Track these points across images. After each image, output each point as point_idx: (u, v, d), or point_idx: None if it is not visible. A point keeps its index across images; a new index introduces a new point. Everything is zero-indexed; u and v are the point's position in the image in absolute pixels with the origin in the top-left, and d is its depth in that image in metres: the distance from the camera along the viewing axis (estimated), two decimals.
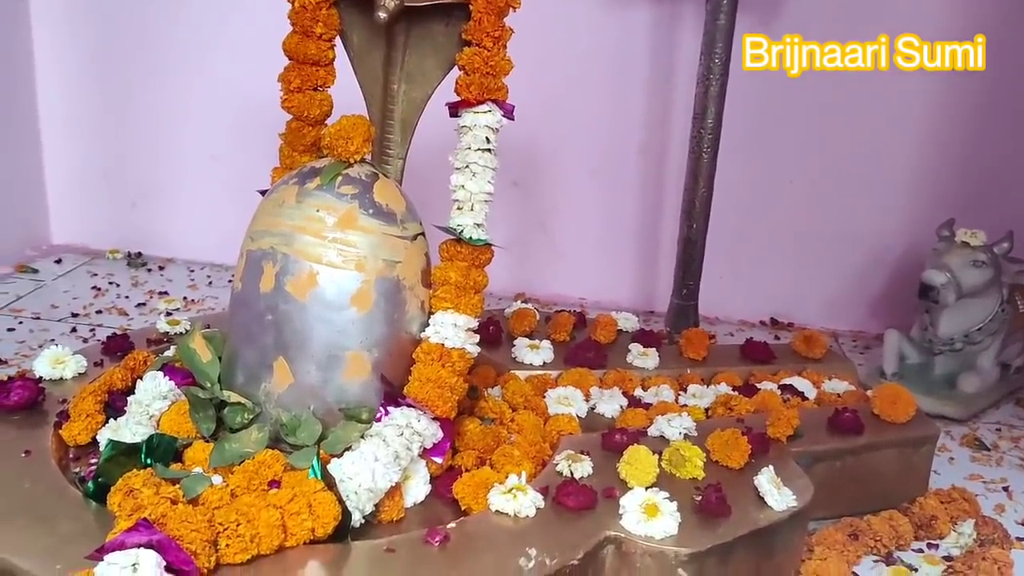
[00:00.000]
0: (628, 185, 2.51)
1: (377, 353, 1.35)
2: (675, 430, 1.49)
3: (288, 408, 1.33)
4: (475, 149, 1.41)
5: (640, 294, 2.57)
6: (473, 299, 1.40)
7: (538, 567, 1.16)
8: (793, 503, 1.35)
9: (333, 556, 1.14)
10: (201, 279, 2.57)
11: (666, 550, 1.23)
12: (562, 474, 1.36)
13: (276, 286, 1.32)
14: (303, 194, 1.34)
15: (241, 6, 2.48)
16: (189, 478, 1.21)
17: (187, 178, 2.66)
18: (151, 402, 1.36)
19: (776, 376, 1.82)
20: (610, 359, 1.82)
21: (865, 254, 2.51)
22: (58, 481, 1.26)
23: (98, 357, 1.62)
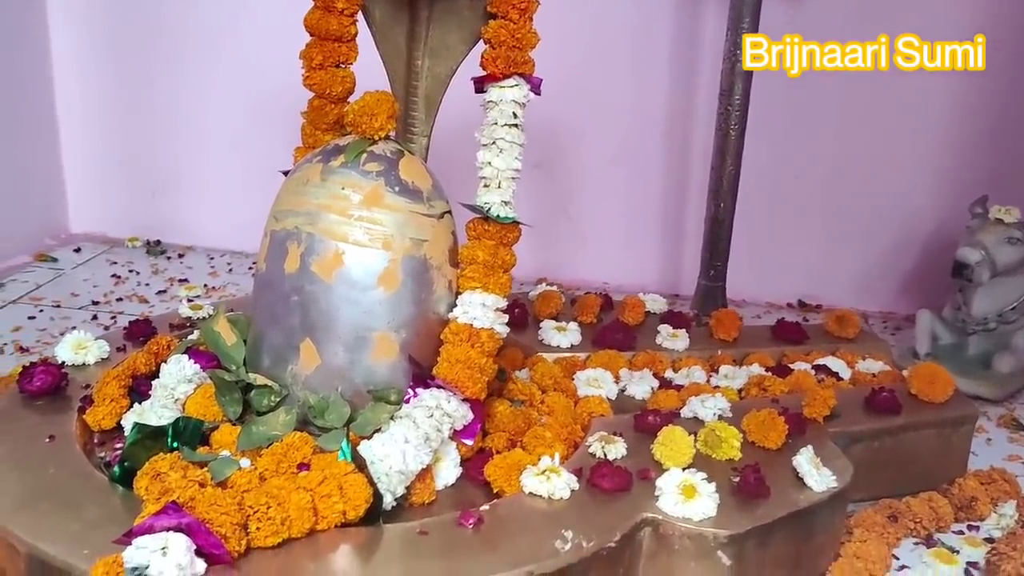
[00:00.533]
0: (652, 167, 2.48)
1: (405, 334, 1.32)
2: (709, 411, 1.45)
3: (315, 390, 1.31)
4: (502, 125, 1.37)
5: (665, 278, 2.54)
6: (501, 278, 1.37)
7: (575, 549, 1.13)
8: (833, 484, 1.32)
9: (365, 539, 1.12)
10: (221, 266, 2.55)
11: (705, 532, 1.20)
12: (595, 456, 1.33)
13: (301, 266, 1.30)
14: (328, 172, 1.31)
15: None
16: (217, 461, 1.19)
17: (206, 165, 2.64)
18: (176, 385, 1.34)
19: (809, 356, 1.78)
20: (639, 341, 1.79)
21: (894, 233, 2.47)
22: (83, 466, 1.23)
23: (120, 342, 1.60)
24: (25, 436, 1.29)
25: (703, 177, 2.44)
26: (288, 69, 2.40)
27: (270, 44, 2.43)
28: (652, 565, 1.23)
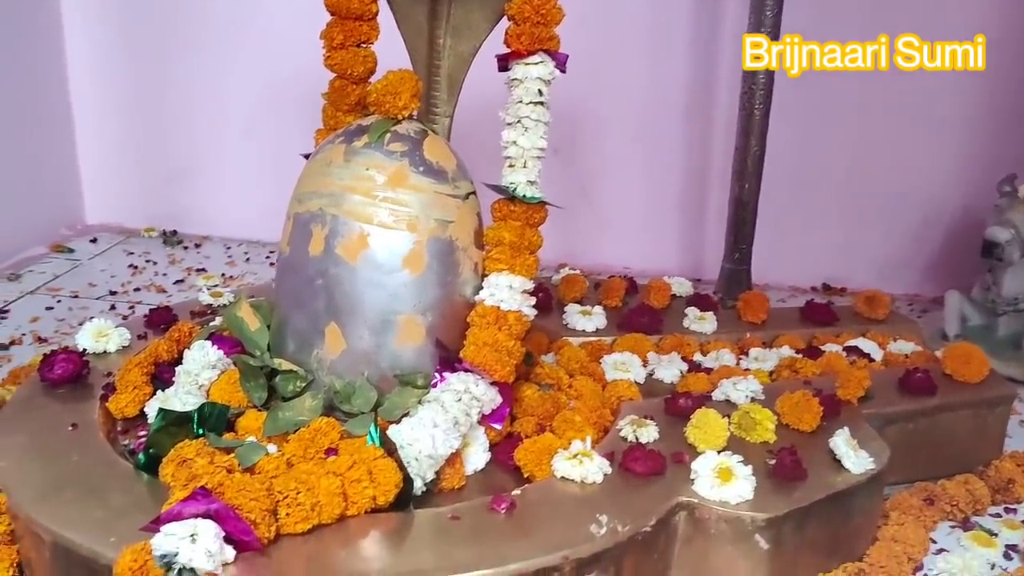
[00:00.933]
0: (672, 149, 2.44)
1: (431, 317, 1.29)
2: (741, 393, 1.43)
3: (341, 375, 1.28)
4: (527, 103, 1.34)
5: (686, 261, 2.50)
6: (528, 260, 1.35)
7: (610, 534, 1.10)
8: (871, 466, 1.29)
9: (396, 525, 1.10)
10: (238, 255, 2.53)
11: (742, 515, 1.18)
12: (627, 439, 1.31)
13: (326, 249, 1.27)
14: (351, 153, 1.29)
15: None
16: (244, 447, 1.16)
17: (222, 154, 2.62)
18: (200, 372, 1.32)
19: (839, 338, 1.75)
20: (665, 324, 1.76)
21: (919, 215, 2.43)
22: (107, 454, 1.22)
23: (141, 330, 1.58)
24: (47, 424, 1.28)
25: (724, 159, 2.41)
26: (303, 55, 2.37)
27: (285, 31, 2.42)
28: (687, 549, 1.20)
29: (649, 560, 1.17)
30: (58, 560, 1.07)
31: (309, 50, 2.31)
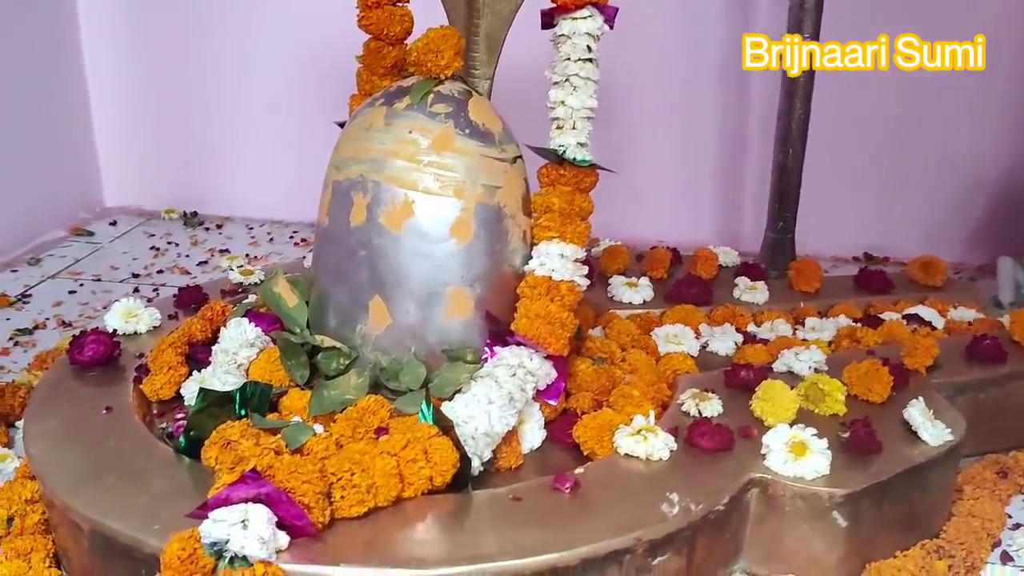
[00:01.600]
0: (707, 117, 2.36)
1: (479, 288, 1.23)
2: (804, 364, 1.36)
3: (387, 351, 1.22)
4: (575, 60, 1.27)
5: (723, 233, 2.41)
6: (579, 226, 1.27)
7: (683, 513, 1.04)
8: (949, 437, 1.22)
9: (455, 507, 1.03)
10: (262, 236, 2.47)
11: (819, 491, 1.11)
12: (689, 414, 1.24)
13: (368, 218, 1.20)
14: (392, 115, 1.22)
15: None
16: (290, 428, 1.10)
17: (243, 132, 2.54)
18: (238, 350, 1.25)
19: (897, 306, 1.68)
20: (715, 295, 1.68)
21: (963, 180, 2.34)
22: (144, 437, 1.15)
23: (171, 310, 1.52)
24: (80, 409, 1.22)
25: (761, 125, 2.33)
26: (327, 28, 2.30)
27: (308, 2, 2.35)
28: (760, 529, 1.14)
29: (721, 541, 1.10)
30: (98, 549, 1.01)
31: (333, 22, 2.24)
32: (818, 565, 1.14)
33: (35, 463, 1.11)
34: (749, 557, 1.15)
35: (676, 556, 1.04)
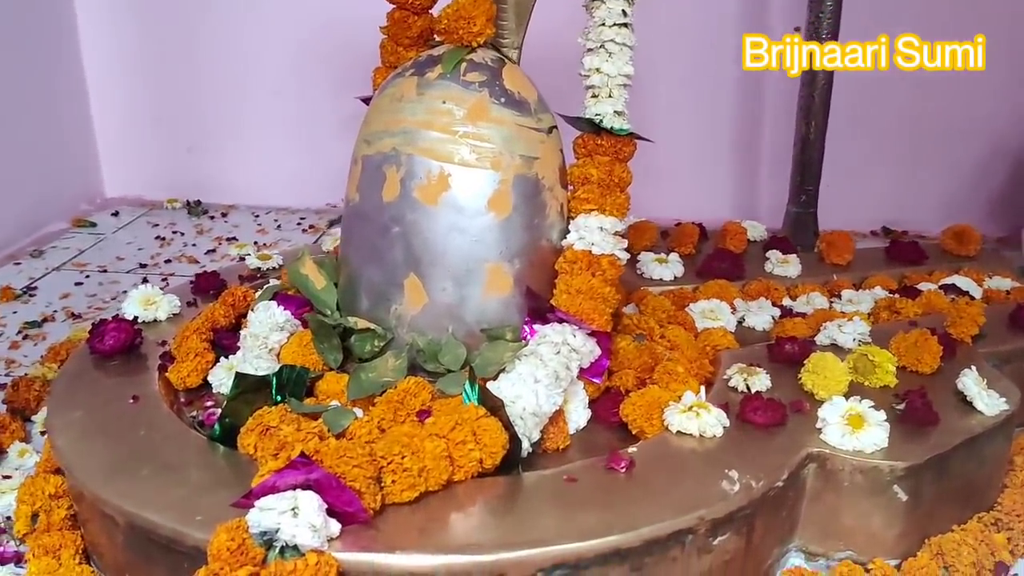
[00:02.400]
0: (722, 89, 2.32)
1: (518, 264, 1.18)
2: (848, 336, 1.32)
3: (423, 332, 1.17)
4: (610, 25, 1.22)
5: (741, 208, 2.37)
6: (619, 198, 1.23)
7: (744, 490, 1.00)
8: (1004, 406, 1.18)
9: (508, 489, 0.99)
10: (268, 223, 2.41)
11: (880, 464, 1.07)
12: (737, 389, 1.20)
13: (402, 193, 1.15)
14: (424, 85, 1.17)
15: None
16: (330, 412, 1.05)
17: (246, 118, 2.49)
18: (268, 334, 1.21)
19: (932, 277, 1.64)
20: (747, 269, 1.64)
21: (981, 152, 2.31)
22: (175, 426, 1.11)
23: (190, 297, 1.47)
24: (105, 399, 1.17)
25: (777, 97, 2.29)
26: (331, 9, 2.25)
27: None
28: (816, 506, 1.10)
29: (777, 519, 1.06)
30: (134, 543, 0.96)
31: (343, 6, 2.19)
32: (876, 541, 1.10)
33: (62, 455, 1.06)
34: (804, 535, 1.11)
35: (736, 535, 1.00)
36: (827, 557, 1.11)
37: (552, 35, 1.31)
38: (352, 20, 2.23)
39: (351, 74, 2.34)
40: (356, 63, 2.31)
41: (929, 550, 1.11)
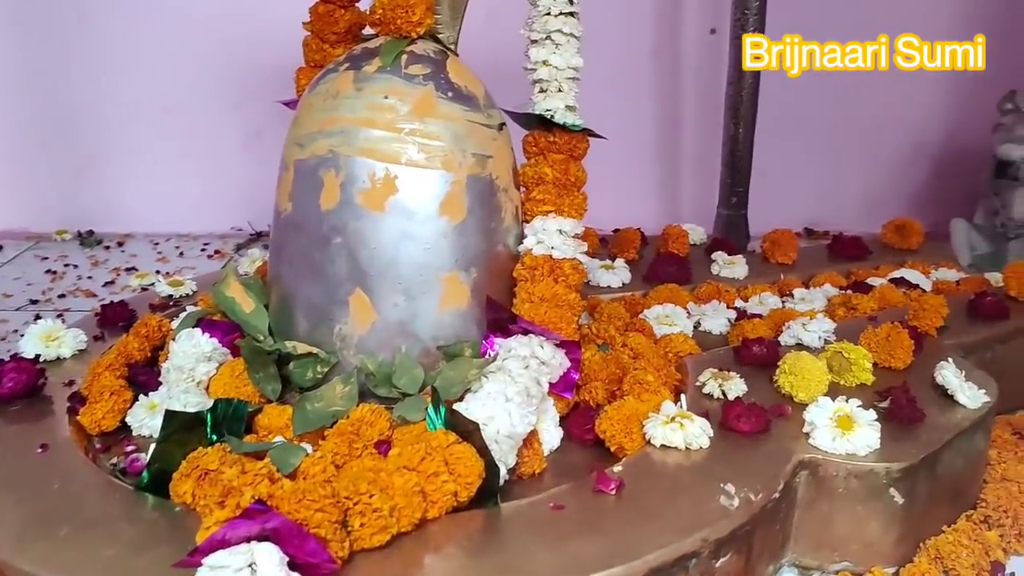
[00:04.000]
0: (642, 98, 2.27)
1: (475, 273, 1.08)
2: (814, 335, 1.26)
3: (373, 353, 1.06)
4: (556, 14, 1.14)
5: (662, 215, 2.33)
6: (576, 198, 1.15)
7: (745, 505, 0.91)
8: (985, 398, 1.14)
9: (488, 524, 0.88)
10: (170, 251, 2.24)
11: (875, 468, 1.01)
12: (712, 396, 1.12)
13: (342, 199, 1.04)
14: (362, 80, 1.06)
15: None
16: (276, 449, 0.93)
17: (137, 139, 2.30)
18: (195, 366, 1.07)
19: (879, 271, 1.61)
20: (694, 272, 1.58)
21: (905, 146, 2.33)
22: (94, 476, 0.96)
23: (96, 330, 1.31)
24: (9, 449, 1.01)
25: (698, 98, 2.26)
26: (231, 16, 2.11)
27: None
28: (809, 516, 1.03)
29: (771, 532, 0.99)
30: None
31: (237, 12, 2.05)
32: (872, 549, 1.03)
33: None
34: (797, 549, 1.04)
35: (736, 555, 0.92)
36: (822, 570, 1.04)
37: (475, 29, 1.21)
38: (249, 29, 2.11)
39: (251, 85, 2.21)
40: (256, 73, 2.18)
41: (927, 554, 1.05)
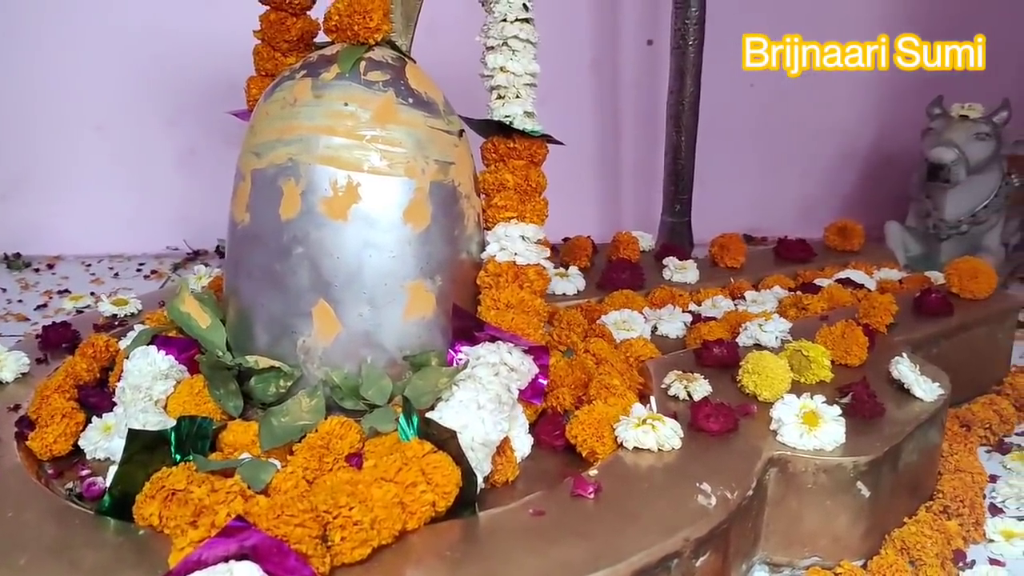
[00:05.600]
0: (581, 101, 2.28)
1: (440, 281, 1.06)
2: (770, 335, 1.28)
3: (337, 365, 1.03)
4: (512, 20, 1.13)
5: (604, 224, 2.34)
6: (538, 204, 1.14)
7: (722, 504, 0.92)
8: (940, 391, 1.17)
9: (468, 533, 0.86)
10: (103, 272, 2.17)
11: (843, 462, 1.02)
12: (679, 398, 1.12)
13: (303, 208, 1.02)
14: (321, 87, 1.04)
15: None
16: (245, 466, 0.90)
17: (67, 158, 2.23)
18: (151, 384, 1.03)
19: (824, 272, 1.65)
20: (647, 278, 1.59)
21: (836, 151, 2.39)
22: (51, 502, 0.91)
23: (38, 353, 1.26)
24: None
25: (637, 108, 2.28)
26: (165, 30, 2.06)
27: (142, 4, 2.09)
28: (778, 512, 1.04)
29: (744, 530, 0.99)
30: None
31: (170, 26, 2.00)
32: (841, 543, 1.05)
33: None
34: (767, 546, 1.05)
35: (715, 554, 0.92)
36: (792, 567, 1.05)
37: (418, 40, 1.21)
38: (183, 45, 2.06)
39: (186, 101, 2.16)
40: (191, 89, 2.13)
41: (893, 546, 1.06)
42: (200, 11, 2.05)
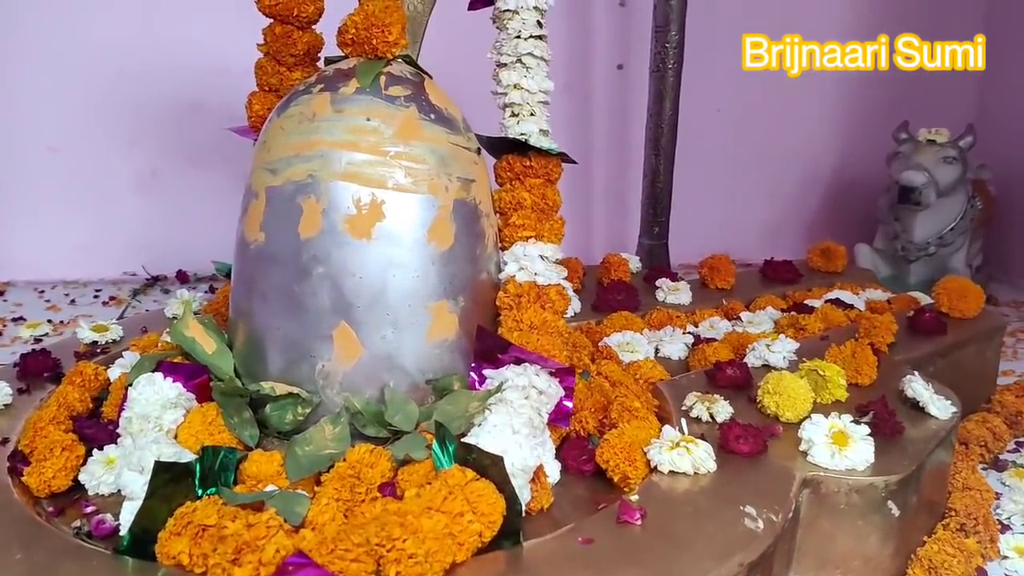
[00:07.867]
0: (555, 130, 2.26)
1: (463, 302, 1.03)
2: (778, 355, 1.27)
3: (358, 390, 0.99)
4: (526, 37, 1.12)
5: (577, 248, 2.32)
6: (555, 223, 1.12)
7: (769, 527, 0.89)
8: (953, 409, 1.17)
9: (520, 564, 0.82)
10: (58, 299, 2.07)
11: (875, 481, 1.01)
12: (702, 420, 1.10)
13: (325, 227, 0.97)
14: (341, 101, 1.00)
15: None
16: (278, 499, 0.84)
17: (19, 181, 2.13)
18: (161, 414, 0.96)
19: (812, 293, 1.66)
20: (641, 300, 1.57)
21: (800, 176, 2.43)
22: (59, 541, 0.85)
23: (18, 383, 1.18)
24: None
25: (608, 132, 2.28)
26: (125, 46, 1.98)
27: (100, 16, 2.01)
28: (810, 533, 1.02)
29: (781, 553, 0.97)
30: None
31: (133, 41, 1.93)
32: (872, 563, 1.03)
33: None
34: (799, 568, 1.03)
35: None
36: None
37: None
38: (144, 62, 1.99)
39: (146, 122, 2.08)
40: (151, 109, 2.06)
41: (920, 565, 1.05)
42: (163, 27, 1.99)
